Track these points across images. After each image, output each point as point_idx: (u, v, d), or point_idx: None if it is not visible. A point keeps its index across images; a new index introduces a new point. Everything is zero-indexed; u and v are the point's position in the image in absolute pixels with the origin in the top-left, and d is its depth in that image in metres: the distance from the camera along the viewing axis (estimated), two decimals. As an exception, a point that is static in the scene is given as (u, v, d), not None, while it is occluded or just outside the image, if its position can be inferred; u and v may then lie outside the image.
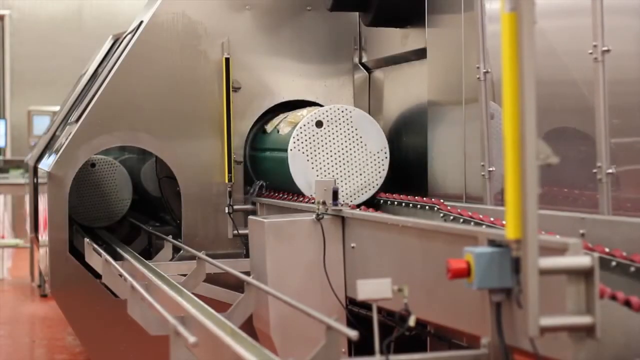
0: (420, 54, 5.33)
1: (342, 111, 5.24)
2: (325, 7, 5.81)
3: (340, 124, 5.22)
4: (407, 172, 5.43)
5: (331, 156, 5.21)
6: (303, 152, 5.19)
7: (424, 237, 3.51)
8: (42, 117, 13.25)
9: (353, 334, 2.82)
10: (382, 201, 5.22)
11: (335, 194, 4.32)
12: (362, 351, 3.20)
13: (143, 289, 4.05)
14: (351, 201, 5.16)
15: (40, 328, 8.70)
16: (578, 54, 3.83)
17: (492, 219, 4.07)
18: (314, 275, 4.30)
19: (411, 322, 2.82)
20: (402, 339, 3.08)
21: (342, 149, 5.23)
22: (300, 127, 5.20)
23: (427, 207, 4.70)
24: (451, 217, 4.42)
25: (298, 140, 5.19)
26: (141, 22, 6.01)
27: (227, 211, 5.85)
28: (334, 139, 5.21)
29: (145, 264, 5.04)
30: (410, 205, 4.88)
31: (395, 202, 5.08)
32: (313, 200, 4.58)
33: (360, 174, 5.24)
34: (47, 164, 6.02)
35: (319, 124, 5.21)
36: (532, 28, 2.50)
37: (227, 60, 5.88)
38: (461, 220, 4.28)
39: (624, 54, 3.64)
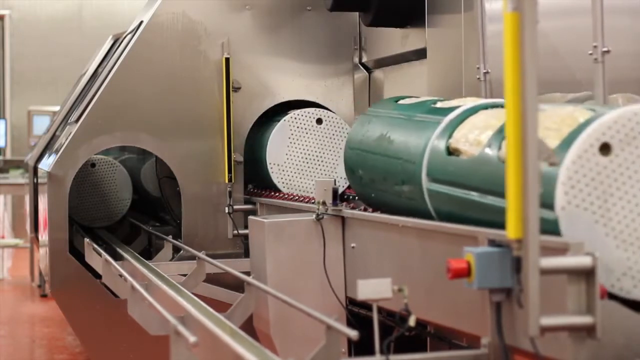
0: (420, 54, 5.33)
1: (638, 121, 2.80)
2: (325, 7, 5.80)
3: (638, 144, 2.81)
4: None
5: (634, 206, 2.81)
6: (587, 208, 2.78)
7: (424, 237, 3.51)
8: (42, 117, 13.24)
9: (353, 333, 2.81)
10: None
11: (335, 194, 4.31)
12: (362, 351, 3.20)
13: (143, 289, 4.05)
14: None
15: (40, 328, 8.69)
16: (578, 55, 3.83)
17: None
18: (314, 275, 4.29)
19: (411, 322, 2.82)
20: (402, 339, 3.07)
21: None
22: (575, 161, 2.77)
23: None
24: None
25: (574, 187, 2.77)
26: (141, 22, 6.00)
27: (227, 211, 5.85)
28: (633, 173, 2.81)
29: (145, 264, 5.04)
30: None
31: None
32: (313, 200, 4.56)
33: None
34: (47, 164, 6.02)
35: (606, 148, 2.80)
36: (534, 28, 2.50)
37: (227, 60, 5.88)
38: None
39: (624, 55, 3.63)
